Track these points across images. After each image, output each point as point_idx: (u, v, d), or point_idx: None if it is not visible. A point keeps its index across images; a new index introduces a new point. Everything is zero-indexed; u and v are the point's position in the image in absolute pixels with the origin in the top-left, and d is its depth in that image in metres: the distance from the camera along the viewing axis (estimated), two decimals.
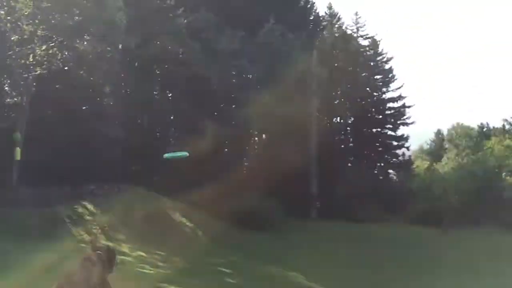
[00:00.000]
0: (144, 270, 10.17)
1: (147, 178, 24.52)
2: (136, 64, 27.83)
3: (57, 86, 22.97)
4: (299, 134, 30.89)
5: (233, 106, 30.37)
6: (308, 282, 13.82)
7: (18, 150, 18.24)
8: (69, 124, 22.03)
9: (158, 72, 28.85)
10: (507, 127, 37.73)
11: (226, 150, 30.91)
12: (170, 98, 29.43)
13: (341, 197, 33.20)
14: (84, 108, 24.95)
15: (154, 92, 29.82)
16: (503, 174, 29.64)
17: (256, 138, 36.26)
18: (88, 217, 15.74)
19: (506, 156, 31.33)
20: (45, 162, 19.72)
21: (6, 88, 23.00)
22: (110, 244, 14.52)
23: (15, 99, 22.64)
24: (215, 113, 29.38)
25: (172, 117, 29.48)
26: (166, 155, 8.60)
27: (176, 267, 12.55)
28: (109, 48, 22.52)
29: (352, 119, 42.37)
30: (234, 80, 29.11)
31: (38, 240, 12.65)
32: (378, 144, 41.78)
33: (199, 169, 28.70)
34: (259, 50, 28.28)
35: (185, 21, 28.68)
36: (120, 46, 25.79)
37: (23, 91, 19.64)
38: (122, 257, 12.31)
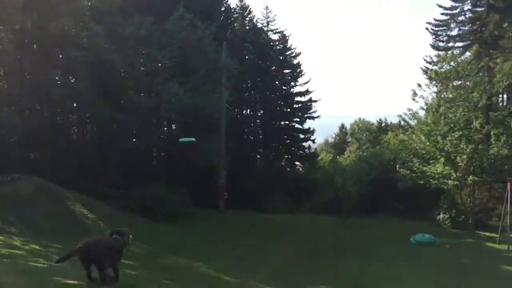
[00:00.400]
0: (37, 264, 9.59)
1: (46, 168, 23.12)
2: (35, 46, 25.99)
3: None
4: (208, 125, 30.97)
5: (141, 94, 29.62)
6: (212, 271, 13.92)
7: None
8: None
9: (60, 56, 27.14)
10: (402, 122, 40.74)
11: (134, 140, 30.02)
12: (72, 84, 27.87)
13: (249, 188, 33.88)
14: None
15: (56, 78, 28.04)
16: (397, 166, 31.98)
17: (165, 128, 35.69)
18: None
19: (400, 149, 33.81)
20: None
21: None
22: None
23: None
24: (122, 101, 28.42)
25: (75, 104, 27.99)
26: (180, 140, 9.42)
27: (73, 260, 11.95)
28: (1, 27, 20.78)
29: (262, 111, 43.31)
30: (142, 68, 28.26)
31: None
32: (286, 137, 43.15)
33: (103, 159, 27.73)
34: (167, 38, 27.73)
35: (89, 3, 27.35)
36: (17, 27, 23.95)
37: None
38: (13, 251, 11.57)
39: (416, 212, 31.71)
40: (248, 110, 43.63)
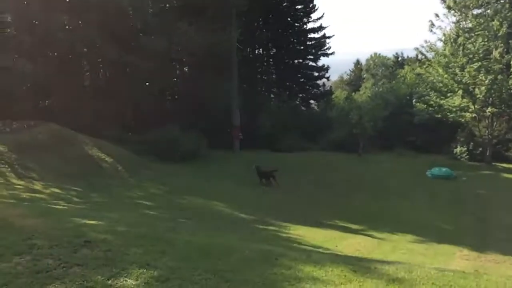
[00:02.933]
0: (58, 207, 9.83)
1: (60, 114, 23.29)
2: None
3: None
4: (220, 65, 30.52)
5: (152, 36, 29.07)
6: (228, 210, 14.18)
7: None
8: None
9: (66, 0, 26.55)
10: (419, 56, 39.63)
11: (146, 83, 29.88)
12: (81, 28, 27.40)
13: (263, 128, 33.83)
14: None
15: (64, 22, 27.57)
16: (414, 100, 31.53)
17: (178, 71, 35.37)
18: None
19: (417, 83, 33.17)
20: None
21: None
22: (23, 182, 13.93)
23: None
24: (131, 44, 27.99)
25: (85, 49, 27.67)
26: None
27: (92, 202, 12.30)
28: None
29: (274, 50, 42.39)
30: (150, 10, 27.56)
31: None
32: (299, 75, 42.47)
33: (117, 104, 27.80)
34: None
35: None
36: None
37: None
38: (34, 195, 11.87)
39: (433, 146, 31.56)
40: (260, 49, 42.69)
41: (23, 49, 24.77)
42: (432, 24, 30.46)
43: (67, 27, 26.58)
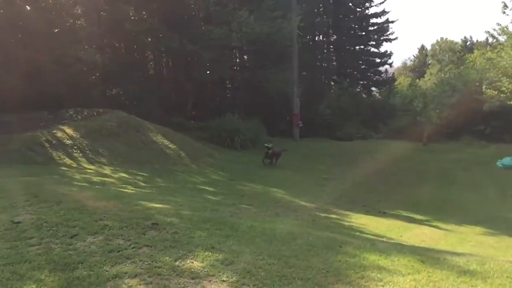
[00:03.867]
0: (126, 190, 10.27)
1: (126, 102, 24.26)
2: None
3: (27, 7, 21.89)
4: (280, 53, 30.41)
5: (212, 25, 29.46)
6: (289, 197, 14.19)
7: None
8: (41, 49, 21.22)
9: None
10: (490, 40, 37.41)
11: (207, 72, 30.39)
12: (145, 18, 28.26)
13: (323, 116, 33.47)
14: (55, 31, 23.88)
15: (130, 13, 28.56)
16: (484, 87, 29.84)
17: (237, 60, 35.65)
18: (68, 141, 15.62)
19: (487, 69, 31.34)
20: (18, 88, 19.23)
21: None
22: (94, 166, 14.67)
23: None
24: (194, 33, 28.49)
25: (149, 39, 28.48)
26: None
27: (158, 187, 12.73)
28: None
29: (335, 36, 41.64)
30: None
31: (18, 164, 12.66)
32: (361, 62, 41.53)
33: (179, 92, 28.52)
34: None
35: None
36: None
37: None
38: (104, 178, 12.46)
39: (504, 135, 29.79)
40: (321, 36, 42.09)
41: (92, 40, 25.94)
42: (505, 6, 28.54)
43: (132, 18, 27.51)
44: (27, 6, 21.84)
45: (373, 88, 42.85)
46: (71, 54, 22.13)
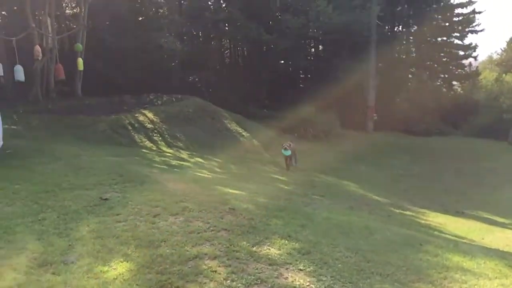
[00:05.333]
0: (202, 175, 10.58)
1: (203, 89, 24.90)
2: None
3: None
4: (357, 44, 29.70)
5: (289, 15, 29.36)
6: (361, 191, 13.92)
7: (80, 60, 18.91)
8: (126, 36, 22.30)
9: None
10: None
11: (281, 62, 30.41)
12: (224, 7, 28.76)
13: (400, 109, 32.36)
14: (140, 19, 24.97)
15: (209, 3, 29.24)
16: None
17: (313, 50, 35.29)
18: (148, 125, 16.35)
19: None
20: (105, 73, 20.43)
21: None
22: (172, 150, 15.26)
23: (74, 10, 23.07)
24: (270, 22, 28.61)
25: (226, 28, 28.93)
26: None
27: (232, 173, 12.99)
28: None
29: (415, 27, 39.85)
30: None
31: (104, 145, 13.44)
32: (442, 54, 39.48)
33: (254, 81, 28.79)
34: None
35: None
36: None
37: (81, 1, 19.77)
38: (182, 162, 12.92)
39: None
40: (400, 26, 40.42)
41: (173, 28, 26.81)
42: None
43: (211, 7, 28.11)
44: None
45: (455, 82, 40.58)
46: (154, 42, 23.03)
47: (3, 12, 21.72)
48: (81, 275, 4.39)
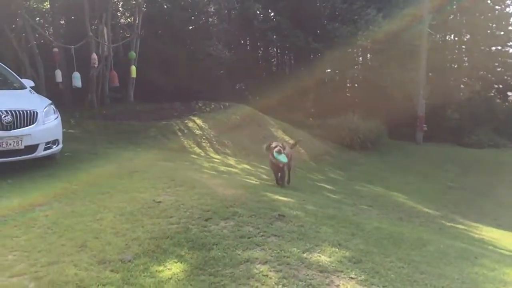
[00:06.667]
0: (250, 181, 10.70)
1: (249, 97, 25.17)
2: None
3: (165, 6, 23.78)
4: (407, 53, 29.13)
5: (337, 23, 29.25)
6: (411, 202, 13.60)
7: (133, 68, 19.66)
8: (177, 44, 22.95)
9: None
10: None
11: (328, 70, 30.29)
12: (271, 17, 29.01)
13: (451, 120, 31.46)
14: (190, 28, 25.63)
15: (257, 12, 29.56)
16: None
17: (361, 58, 34.92)
18: (197, 131, 16.68)
19: None
20: (156, 80, 21.11)
21: (120, 9, 24.36)
22: (219, 156, 15.50)
23: (129, 19, 23.99)
24: (318, 31, 28.58)
25: (274, 36, 29.16)
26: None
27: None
28: None
29: (468, 36, 38.69)
30: None
31: (155, 150, 13.84)
32: (496, 64, 38.10)
33: (299, 89, 28.79)
34: None
35: None
36: None
37: (135, 11, 20.55)
38: (230, 168, 13.09)
39: None
40: (452, 35, 39.40)
41: (222, 37, 27.35)
42: None
43: (260, 16, 28.45)
44: (166, 5, 23.68)
45: (510, 93, 39.06)
46: (203, 50, 23.57)
47: (61, 22, 22.84)
48: (138, 274, 4.56)
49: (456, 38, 39.25)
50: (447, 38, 38.96)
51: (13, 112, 8.86)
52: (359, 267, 4.91)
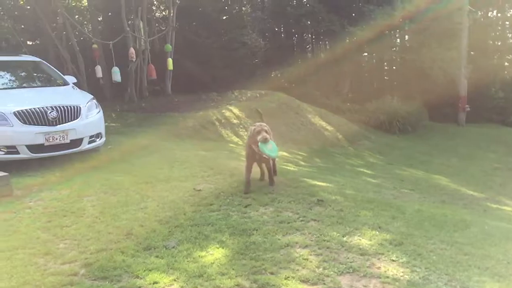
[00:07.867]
0: (288, 168, 10.74)
1: (285, 84, 25.12)
2: None
3: None
4: (447, 32, 28.18)
5: (372, 5, 28.59)
6: (454, 185, 13.28)
7: (170, 60, 19.98)
8: (211, 35, 23.10)
9: None
10: None
11: (365, 53, 29.73)
12: (305, 2, 28.68)
13: (495, 99, 30.32)
14: (223, 17, 25.69)
15: None
16: None
17: (398, 40, 34.05)
18: (234, 120, 16.81)
19: None
20: (192, 71, 21.38)
21: (155, 2, 24.72)
22: None
23: (164, 13, 24.32)
24: (353, 14, 28.06)
25: (309, 22, 28.83)
26: None
27: (317, 166, 13.02)
28: None
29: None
30: None
31: (193, 140, 14.08)
32: None
33: (337, 74, 28.45)
34: None
35: None
36: None
37: (170, 4, 20.80)
38: None
39: None
40: (495, 11, 37.77)
41: (256, 25, 27.31)
42: None
43: (294, 2, 28.20)
44: None
45: None
46: (237, 39, 23.62)
47: (99, 19, 23.42)
48: (181, 259, 4.71)
49: (499, 14, 37.59)
50: (489, 14, 37.39)
51: (58, 108, 9.24)
52: (400, 249, 4.90)
